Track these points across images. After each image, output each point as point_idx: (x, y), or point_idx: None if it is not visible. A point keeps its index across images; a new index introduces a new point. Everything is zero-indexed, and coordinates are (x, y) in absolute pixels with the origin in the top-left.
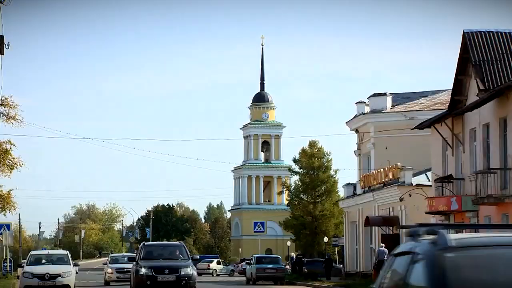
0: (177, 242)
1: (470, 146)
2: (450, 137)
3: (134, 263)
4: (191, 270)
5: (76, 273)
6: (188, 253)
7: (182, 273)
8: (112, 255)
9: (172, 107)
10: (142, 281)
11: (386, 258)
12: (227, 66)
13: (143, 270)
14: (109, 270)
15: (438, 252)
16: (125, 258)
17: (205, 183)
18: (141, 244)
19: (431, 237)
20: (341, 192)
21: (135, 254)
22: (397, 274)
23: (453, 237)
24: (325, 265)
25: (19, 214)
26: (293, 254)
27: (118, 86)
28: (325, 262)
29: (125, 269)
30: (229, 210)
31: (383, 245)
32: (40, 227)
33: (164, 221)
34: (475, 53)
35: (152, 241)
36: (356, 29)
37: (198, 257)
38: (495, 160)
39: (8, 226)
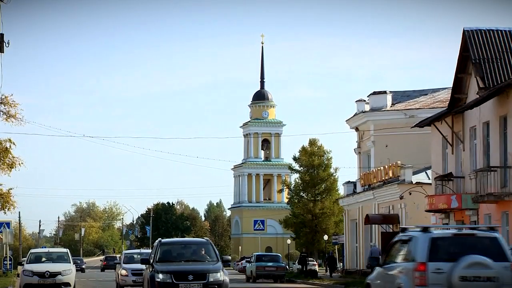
0: (202, 239)
1: (470, 144)
2: (450, 135)
3: (147, 266)
4: (222, 275)
5: (83, 271)
6: (217, 253)
7: (211, 279)
8: (126, 252)
9: (172, 106)
10: None
11: (380, 256)
12: (227, 64)
13: (160, 276)
14: (123, 272)
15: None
16: (144, 256)
17: (205, 181)
18: (157, 241)
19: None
20: (341, 190)
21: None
22: (401, 250)
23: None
24: (327, 263)
25: (19, 212)
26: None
27: (118, 84)
28: (328, 260)
29: (143, 271)
30: (229, 208)
31: (376, 244)
32: (40, 225)
33: (164, 219)
34: (475, 51)
35: (152, 239)
36: (356, 28)
37: (229, 257)
38: (495, 158)
39: (8, 224)
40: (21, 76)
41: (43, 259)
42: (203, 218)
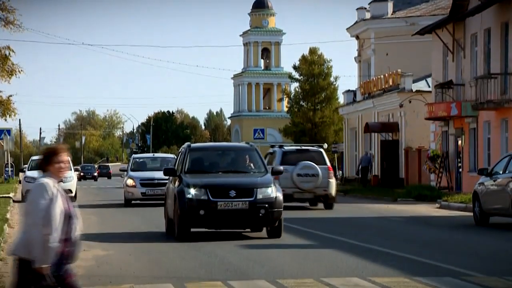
0: (245, 144)
1: (471, 52)
2: (451, 42)
3: (171, 178)
4: (274, 191)
5: (96, 179)
6: (265, 162)
7: (260, 195)
8: (135, 156)
9: (172, 14)
10: (191, 210)
11: (368, 165)
12: None
13: (191, 192)
14: (129, 182)
15: (282, 150)
16: (158, 162)
17: (205, 90)
18: (184, 146)
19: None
20: (341, 99)
21: (174, 157)
22: (269, 159)
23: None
24: None
25: (20, 120)
26: None
27: None
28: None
29: (156, 181)
30: (229, 117)
31: (372, 152)
32: (40, 133)
33: (164, 128)
34: None
35: (153, 148)
36: None
37: (281, 168)
38: (496, 65)
39: (8, 131)
40: None
41: None
42: (203, 127)
